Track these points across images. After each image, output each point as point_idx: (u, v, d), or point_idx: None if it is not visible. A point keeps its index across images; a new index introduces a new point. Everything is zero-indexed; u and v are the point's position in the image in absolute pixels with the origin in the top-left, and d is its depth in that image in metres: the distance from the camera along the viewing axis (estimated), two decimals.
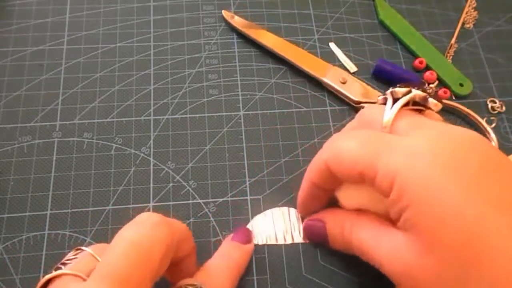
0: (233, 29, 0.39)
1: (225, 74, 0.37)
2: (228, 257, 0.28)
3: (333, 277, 0.30)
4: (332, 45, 0.39)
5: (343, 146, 0.24)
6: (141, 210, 0.31)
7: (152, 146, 0.34)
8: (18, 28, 0.37)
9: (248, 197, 0.32)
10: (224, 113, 0.35)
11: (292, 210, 0.32)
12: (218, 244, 0.30)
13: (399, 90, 0.25)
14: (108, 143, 0.34)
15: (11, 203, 0.31)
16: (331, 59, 0.38)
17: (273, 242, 0.31)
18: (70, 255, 0.22)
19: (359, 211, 0.26)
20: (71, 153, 0.33)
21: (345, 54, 0.38)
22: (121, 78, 0.36)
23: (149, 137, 0.34)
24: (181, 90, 0.36)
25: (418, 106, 0.25)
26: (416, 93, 0.24)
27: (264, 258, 0.30)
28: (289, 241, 0.31)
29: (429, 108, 0.25)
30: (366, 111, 0.27)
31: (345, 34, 0.40)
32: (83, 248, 0.22)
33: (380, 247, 0.23)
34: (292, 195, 0.32)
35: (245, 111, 0.36)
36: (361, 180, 0.23)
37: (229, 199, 0.32)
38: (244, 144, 0.34)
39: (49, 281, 0.21)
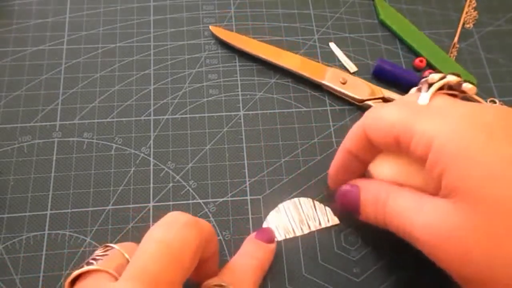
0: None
1: (225, 74, 0.37)
2: (251, 256, 0.28)
3: (333, 277, 0.30)
4: (332, 45, 0.39)
5: (381, 112, 0.25)
6: (141, 210, 0.31)
7: (152, 146, 0.34)
8: (18, 28, 0.37)
9: (248, 197, 0.32)
10: (224, 113, 0.35)
11: (303, 199, 0.32)
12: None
13: (434, 76, 0.25)
14: (108, 143, 0.33)
15: (11, 203, 0.31)
16: (331, 59, 0.38)
17: (292, 235, 0.31)
18: (98, 251, 0.22)
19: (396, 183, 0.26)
20: (71, 153, 0.33)
21: (345, 54, 0.38)
22: (121, 78, 0.36)
23: (149, 137, 0.34)
24: (181, 90, 0.36)
25: (453, 91, 0.25)
26: (450, 78, 0.25)
27: None
28: (306, 231, 0.31)
29: (464, 92, 0.25)
30: (403, 98, 0.27)
31: (345, 34, 0.40)
32: (111, 245, 0.22)
33: (419, 215, 0.22)
34: (292, 195, 0.32)
35: (245, 111, 0.36)
36: (397, 147, 0.24)
37: (229, 199, 0.32)
38: (244, 144, 0.34)
39: (78, 277, 0.21)
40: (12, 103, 0.34)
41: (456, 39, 0.39)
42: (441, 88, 0.25)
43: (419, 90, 0.26)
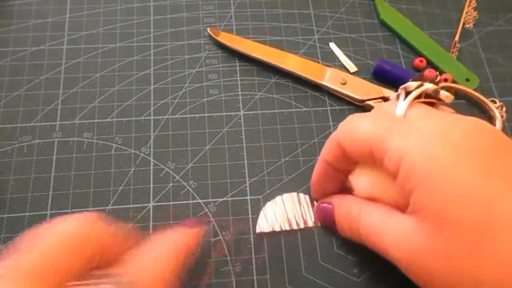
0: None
1: (225, 74, 0.37)
2: (167, 241, 0.24)
3: (333, 277, 0.30)
4: (332, 45, 0.39)
5: (356, 124, 0.25)
6: (141, 210, 0.31)
7: (152, 146, 0.34)
8: (18, 28, 0.37)
9: (248, 197, 0.32)
10: (224, 113, 0.35)
11: (302, 195, 0.32)
12: (218, 244, 0.30)
13: (411, 84, 0.25)
14: (108, 143, 0.33)
15: (11, 203, 0.31)
16: (331, 59, 0.38)
17: (287, 228, 0.31)
18: None
19: (369, 198, 0.26)
20: (71, 153, 0.33)
21: (345, 54, 0.38)
22: (121, 78, 0.36)
23: (149, 137, 0.34)
24: (181, 90, 0.36)
25: (430, 99, 0.25)
26: (427, 86, 0.25)
27: (264, 258, 0.30)
28: (302, 226, 0.31)
29: (441, 100, 0.25)
30: (381, 107, 0.27)
31: (345, 34, 0.40)
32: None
33: (387, 232, 0.23)
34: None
35: (245, 111, 0.36)
36: (372, 160, 0.24)
37: (229, 199, 0.32)
38: (244, 144, 0.34)
39: None
40: (12, 103, 0.34)
41: (457, 38, 0.39)
42: (419, 96, 0.25)
43: (398, 97, 0.26)
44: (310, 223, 0.31)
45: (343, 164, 0.26)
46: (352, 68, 0.38)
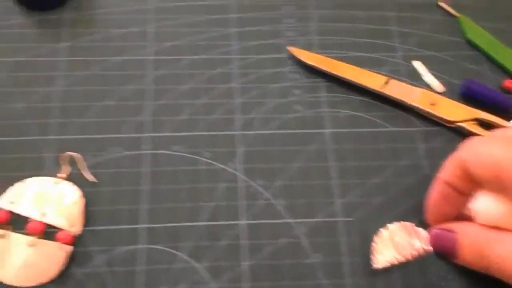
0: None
1: (309, 90, 0.37)
2: None
3: None
4: (416, 63, 0.38)
5: (487, 146, 0.24)
6: (232, 227, 0.31)
7: (240, 161, 0.34)
8: (104, 37, 0.38)
9: (339, 219, 0.32)
10: (310, 130, 0.35)
11: (408, 223, 0.30)
12: (306, 266, 0.30)
13: None
14: (197, 157, 0.33)
15: (107, 215, 0.31)
16: (415, 77, 0.38)
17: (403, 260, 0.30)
18: None
19: (494, 226, 0.25)
20: (161, 166, 0.33)
21: (430, 73, 0.38)
22: (207, 90, 0.36)
23: (237, 152, 0.34)
24: (266, 105, 0.36)
25: None
26: None
27: None
28: (414, 256, 0.29)
29: None
30: (504, 132, 0.26)
31: (428, 52, 0.39)
32: None
33: None
34: (384, 218, 0.32)
35: (331, 129, 0.35)
36: (500, 186, 0.23)
37: (320, 219, 0.32)
38: (332, 163, 0.34)
39: None
40: (102, 113, 0.35)
41: None
42: None
43: None
44: (422, 251, 0.30)
45: (465, 186, 0.26)
46: (440, 88, 0.37)
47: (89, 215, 0.31)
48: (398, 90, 0.36)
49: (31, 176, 0.32)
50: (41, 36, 0.37)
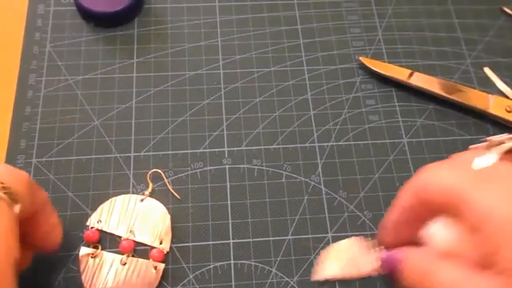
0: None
1: (382, 100, 0.37)
2: None
3: None
4: (487, 70, 0.38)
5: (439, 173, 0.23)
6: (321, 240, 0.31)
7: (321, 174, 0.33)
8: (174, 52, 0.38)
9: None
10: (387, 140, 0.35)
11: (360, 239, 0.30)
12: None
13: (497, 138, 0.24)
14: (278, 171, 0.33)
15: (193, 231, 0.31)
16: (488, 85, 0.37)
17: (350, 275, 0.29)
18: None
19: (445, 253, 0.24)
20: (243, 180, 0.33)
21: (501, 80, 0.37)
22: (280, 103, 0.36)
23: (317, 165, 0.34)
24: (341, 116, 0.36)
25: None
26: None
27: None
28: (363, 272, 0.29)
29: None
30: (461, 157, 0.25)
31: (498, 59, 0.39)
32: None
33: None
34: None
35: (408, 138, 0.35)
36: (451, 213, 0.22)
37: None
38: (412, 173, 0.34)
39: None
40: (179, 129, 0.35)
41: None
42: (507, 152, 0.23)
43: (479, 149, 0.25)
44: (370, 271, 0.29)
45: (422, 212, 0.25)
46: None
47: (175, 232, 0.31)
48: (471, 97, 0.36)
49: (114, 194, 0.32)
50: (113, 52, 0.37)
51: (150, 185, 0.32)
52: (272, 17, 0.40)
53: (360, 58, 0.38)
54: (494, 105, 0.35)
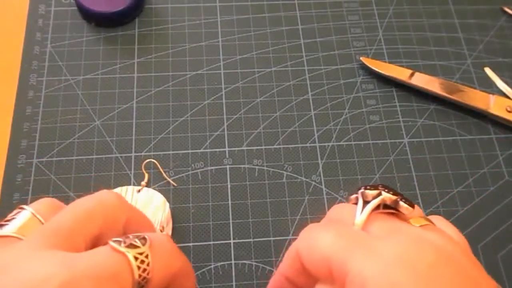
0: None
1: (383, 100, 0.37)
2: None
3: None
4: (488, 71, 0.38)
5: (317, 237, 0.22)
6: None
7: (322, 174, 0.33)
8: (175, 52, 0.38)
9: None
10: (388, 140, 0.35)
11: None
12: None
13: (369, 192, 0.22)
14: (279, 171, 0.33)
15: (194, 232, 0.31)
16: (488, 85, 0.37)
17: None
18: (10, 214, 0.21)
19: None
20: (244, 180, 0.33)
21: (502, 80, 0.38)
22: (281, 103, 0.36)
23: (318, 165, 0.34)
24: (342, 116, 0.36)
25: (389, 209, 0.22)
26: (385, 195, 0.22)
27: None
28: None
29: (401, 212, 0.22)
30: (336, 210, 0.25)
31: (498, 59, 0.39)
32: (24, 206, 0.21)
33: None
34: (471, 227, 0.32)
35: (409, 138, 0.35)
36: (333, 280, 0.21)
37: None
38: (413, 173, 0.34)
39: None
40: (179, 129, 0.35)
41: None
42: (378, 206, 0.22)
43: (356, 200, 0.23)
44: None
45: (303, 281, 0.23)
46: None
47: (176, 232, 0.31)
48: (472, 97, 0.36)
49: None
50: (113, 53, 0.37)
51: (146, 175, 0.32)
52: (273, 17, 0.40)
53: (361, 58, 0.38)
54: (494, 105, 0.35)
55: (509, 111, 0.35)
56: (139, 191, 0.31)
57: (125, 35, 0.38)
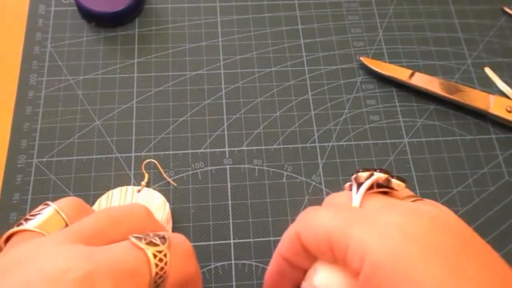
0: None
1: (383, 100, 0.37)
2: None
3: None
4: (488, 71, 0.38)
5: (316, 215, 0.23)
6: None
7: (322, 174, 0.33)
8: (175, 52, 0.38)
9: None
10: (388, 140, 0.35)
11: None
12: None
13: (362, 174, 0.24)
14: (279, 171, 0.33)
15: (194, 231, 0.31)
16: (488, 84, 0.37)
17: None
18: (35, 210, 0.22)
19: None
20: (244, 180, 0.33)
21: (502, 80, 0.38)
22: (281, 103, 0.36)
23: (318, 165, 0.34)
24: (342, 116, 0.36)
25: (382, 188, 0.23)
26: (377, 175, 0.23)
27: None
28: None
29: (393, 189, 0.23)
30: (333, 197, 0.25)
31: (498, 59, 0.39)
32: (49, 203, 0.22)
33: None
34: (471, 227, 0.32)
35: (409, 138, 0.35)
36: (333, 257, 0.22)
37: None
38: (413, 173, 0.34)
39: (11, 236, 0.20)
40: (179, 129, 0.35)
41: None
42: (371, 186, 0.23)
43: (350, 187, 0.24)
44: None
45: (302, 260, 0.23)
46: None
47: (176, 232, 0.31)
48: (472, 97, 0.36)
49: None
50: (113, 53, 0.37)
51: (146, 175, 0.32)
52: (273, 17, 0.40)
53: (361, 58, 0.38)
54: (494, 105, 0.35)
55: (509, 111, 0.35)
56: (139, 191, 0.31)
57: (125, 35, 0.38)
